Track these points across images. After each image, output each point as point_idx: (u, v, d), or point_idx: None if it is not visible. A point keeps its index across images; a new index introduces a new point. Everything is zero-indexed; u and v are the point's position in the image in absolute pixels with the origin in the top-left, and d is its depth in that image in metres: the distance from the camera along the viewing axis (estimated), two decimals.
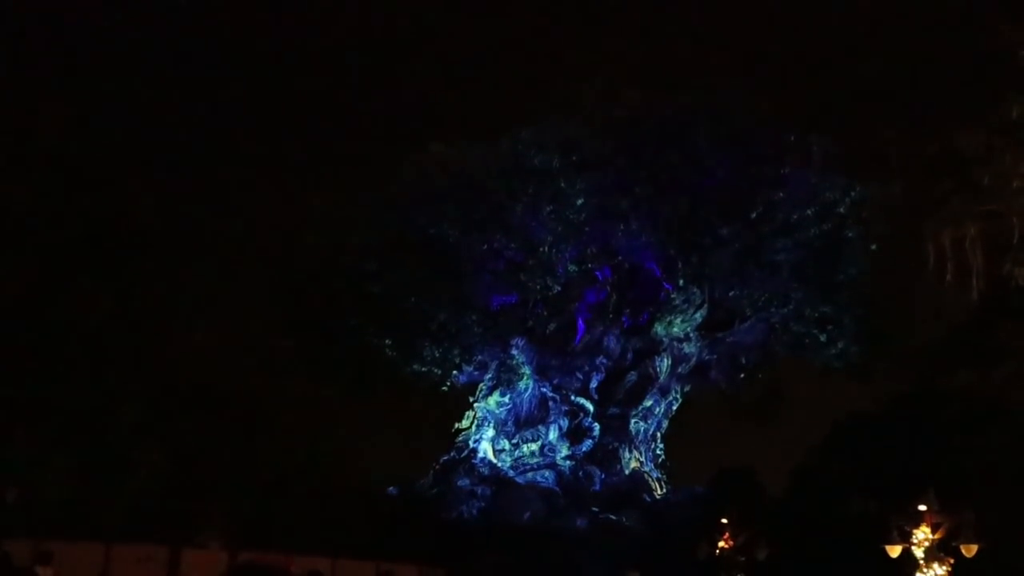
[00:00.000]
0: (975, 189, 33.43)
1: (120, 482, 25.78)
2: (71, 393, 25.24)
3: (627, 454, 47.89)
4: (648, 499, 45.80)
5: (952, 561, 22.50)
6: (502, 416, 46.94)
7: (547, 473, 45.67)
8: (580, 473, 47.19)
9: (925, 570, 22.67)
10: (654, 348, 46.74)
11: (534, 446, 46.19)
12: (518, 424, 46.80)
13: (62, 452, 24.90)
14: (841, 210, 43.91)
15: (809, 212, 43.89)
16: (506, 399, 46.94)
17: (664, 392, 48.33)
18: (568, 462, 46.32)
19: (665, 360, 46.99)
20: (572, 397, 46.37)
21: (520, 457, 46.20)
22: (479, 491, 44.05)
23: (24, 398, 24.35)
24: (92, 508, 25.07)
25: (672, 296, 46.18)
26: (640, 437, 48.49)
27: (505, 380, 46.79)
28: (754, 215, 43.72)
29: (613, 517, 43.06)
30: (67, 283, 26.37)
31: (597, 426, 46.12)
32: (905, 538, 22.82)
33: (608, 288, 46.67)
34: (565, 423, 46.22)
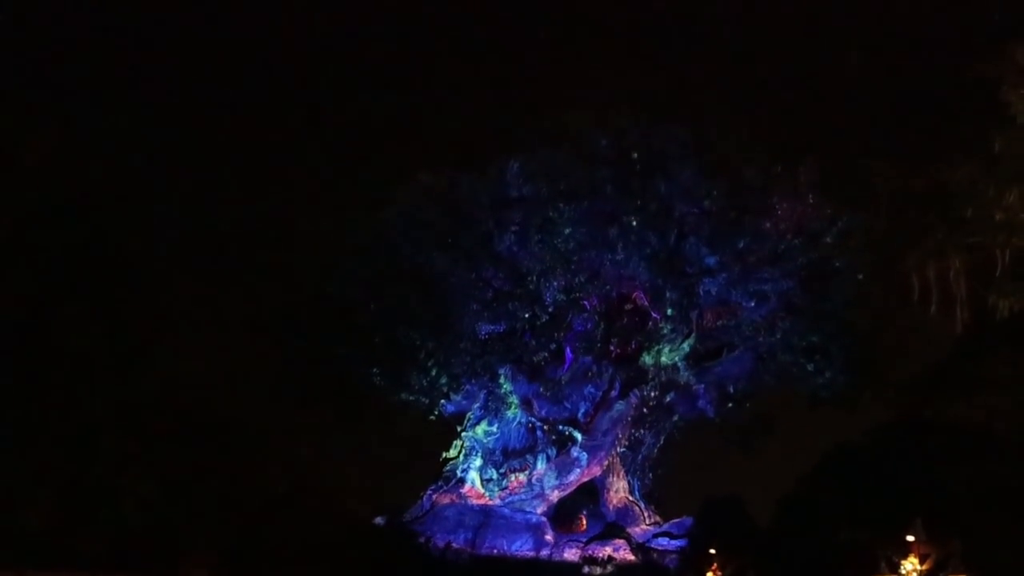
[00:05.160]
0: (959, 221, 33.76)
1: (104, 511, 25.53)
2: (55, 421, 25.05)
3: (615, 484, 47.77)
4: (636, 529, 45.61)
5: None
6: (490, 445, 46.77)
7: (535, 503, 45.46)
8: (568, 503, 47.01)
9: None
10: (642, 377, 46.67)
11: (522, 476, 45.98)
12: (506, 454, 46.60)
13: (45, 480, 24.67)
14: (828, 240, 44.10)
15: (796, 242, 44.06)
16: (494, 428, 46.81)
17: (652, 422, 48.27)
18: (556, 492, 46.14)
19: (653, 390, 46.94)
20: (560, 427, 46.25)
21: (508, 487, 45.98)
22: (467, 521, 43.77)
23: (7, 425, 24.14)
24: (76, 538, 24.79)
25: (660, 325, 46.21)
26: (628, 467, 48.40)
27: (493, 409, 46.70)
28: (741, 244, 43.89)
29: (601, 548, 42.79)
30: (52, 310, 26.25)
31: (585, 456, 45.94)
32: (893, 569, 22.83)
33: (596, 317, 46.66)
34: (553, 452, 46.07)
